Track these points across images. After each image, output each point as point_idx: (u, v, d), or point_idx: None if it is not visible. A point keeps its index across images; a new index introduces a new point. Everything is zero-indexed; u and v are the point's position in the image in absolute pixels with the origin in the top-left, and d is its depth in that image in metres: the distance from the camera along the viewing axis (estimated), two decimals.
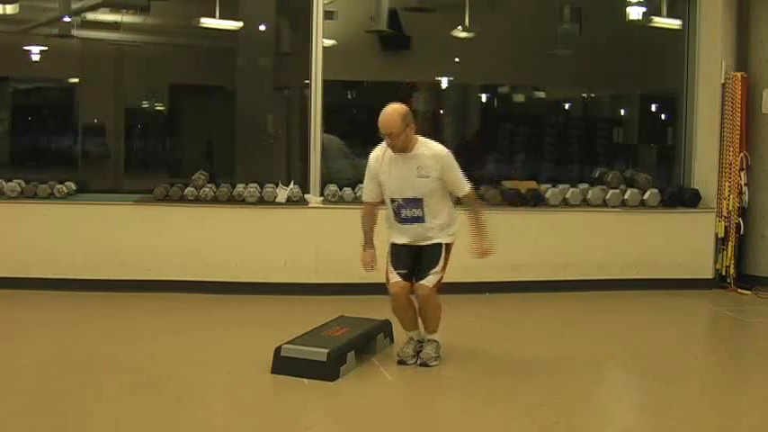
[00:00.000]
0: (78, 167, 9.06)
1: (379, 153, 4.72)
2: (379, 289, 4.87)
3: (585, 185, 7.45)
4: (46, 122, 9.67)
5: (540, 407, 4.10)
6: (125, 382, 4.36)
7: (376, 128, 4.59)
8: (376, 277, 4.84)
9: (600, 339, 5.65)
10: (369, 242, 4.82)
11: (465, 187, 4.73)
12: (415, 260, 4.70)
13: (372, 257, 4.78)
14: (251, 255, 6.67)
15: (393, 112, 4.52)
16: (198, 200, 6.85)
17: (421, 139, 4.67)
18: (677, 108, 7.84)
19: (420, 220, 4.64)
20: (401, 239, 4.73)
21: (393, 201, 4.69)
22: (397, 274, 4.65)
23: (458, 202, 4.88)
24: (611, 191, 7.30)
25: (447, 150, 4.69)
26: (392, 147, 4.59)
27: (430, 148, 4.65)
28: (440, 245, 4.69)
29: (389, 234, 4.80)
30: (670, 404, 4.22)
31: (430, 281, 4.61)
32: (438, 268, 4.65)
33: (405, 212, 4.65)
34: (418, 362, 4.73)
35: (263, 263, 6.67)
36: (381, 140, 4.66)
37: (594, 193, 7.27)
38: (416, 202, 4.62)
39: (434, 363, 4.71)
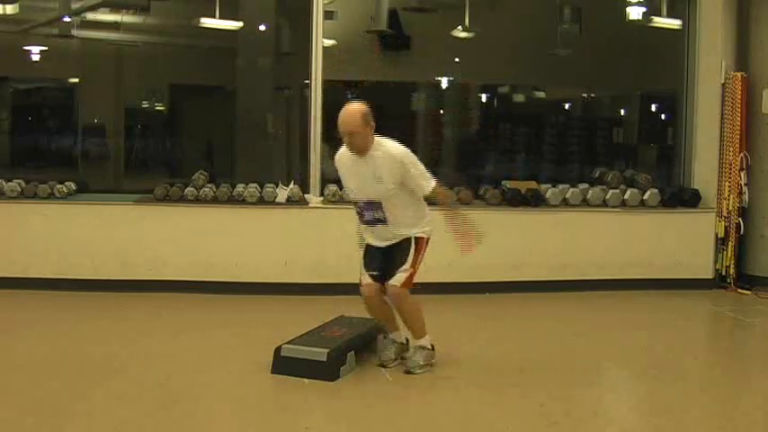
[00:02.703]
0: (78, 167, 9.07)
1: (342, 153, 4.59)
2: None
3: (585, 185, 7.45)
4: (46, 122, 9.68)
5: (540, 407, 4.10)
6: (125, 382, 4.36)
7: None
8: None
9: (600, 339, 5.65)
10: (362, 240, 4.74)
11: (427, 186, 4.49)
12: (387, 260, 4.58)
13: None
14: (251, 255, 6.67)
15: (354, 110, 4.39)
16: (198, 200, 6.85)
17: (377, 139, 4.48)
18: (677, 108, 7.84)
19: (382, 221, 4.51)
20: (370, 240, 4.65)
21: (356, 203, 4.60)
22: (369, 275, 4.56)
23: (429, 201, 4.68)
24: (611, 191, 7.29)
25: (404, 150, 4.46)
26: (350, 147, 4.44)
27: (386, 150, 4.43)
28: (408, 240, 4.54)
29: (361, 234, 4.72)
30: (670, 404, 4.22)
31: (398, 279, 4.47)
32: (407, 265, 4.50)
33: (367, 215, 4.54)
34: (403, 369, 4.62)
35: (263, 263, 6.67)
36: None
37: (594, 193, 7.27)
38: (376, 205, 4.48)
39: (420, 371, 4.58)
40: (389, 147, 4.46)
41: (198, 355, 4.99)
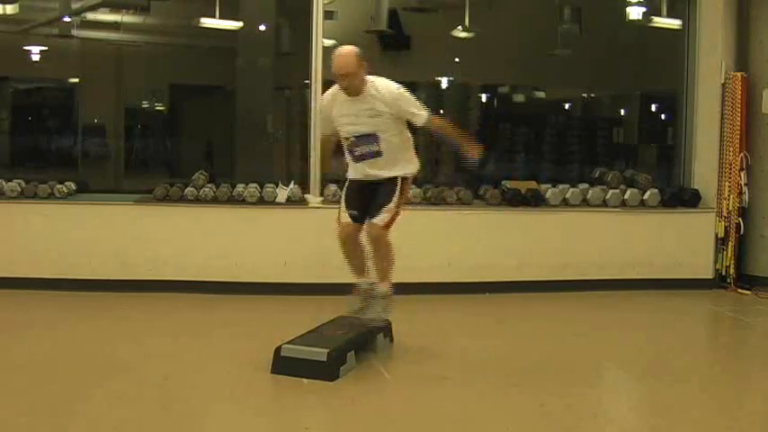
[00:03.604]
0: (78, 167, 9.07)
1: (332, 94, 4.67)
2: None
3: (585, 185, 7.45)
4: (46, 122, 9.68)
5: (540, 407, 4.10)
6: (125, 382, 4.35)
7: None
8: None
9: (600, 339, 5.65)
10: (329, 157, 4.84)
11: (422, 115, 4.60)
12: (369, 199, 4.63)
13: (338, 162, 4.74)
14: (251, 255, 6.67)
15: (348, 52, 4.49)
16: (198, 200, 6.85)
17: (371, 78, 4.59)
18: (677, 108, 7.84)
19: (377, 155, 4.59)
20: (356, 175, 4.69)
21: (347, 139, 4.64)
22: (348, 215, 4.62)
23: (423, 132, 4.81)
24: (611, 191, 7.29)
25: (397, 86, 4.59)
26: (346, 88, 4.52)
27: (380, 87, 4.56)
28: (394, 181, 4.61)
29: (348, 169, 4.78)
30: (670, 404, 4.22)
31: (381, 219, 4.54)
32: (391, 205, 4.57)
33: (359, 150, 4.60)
34: (365, 320, 4.72)
35: (263, 263, 6.67)
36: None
37: (594, 193, 7.27)
38: (372, 138, 4.57)
39: (378, 322, 4.66)
40: (384, 83, 4.59)
41: (198, 355, 4.99)
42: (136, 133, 9.95)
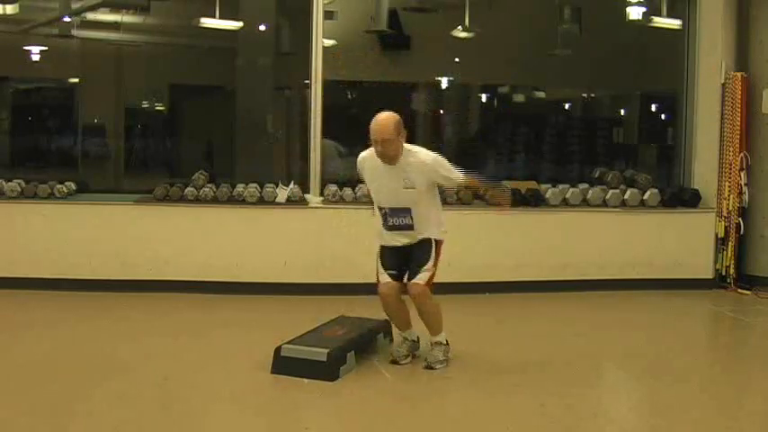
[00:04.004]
0: (78, 167, 9.07)
1: (366, 158, 4.67)
2: None
3: (585, 185, 7.45)
4: (46, 122, 9.68)
5: (540, 407, 4.10)
6: (125, 382, 4.36)
7: None
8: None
9: (600, 339, 5.65)
10: None
11: (457, 177, 4.61)
12: (404, 260, 4.64)
13: None
14: (251, 255, 6.67)
15: (387, 118, 4.45)
16: (198, 200, 6.85)
17: (407, 146, 4.56)
18: (677, 108, 7.84)
19: (409, 228, 4.59)
20: (388, 241, 4.70)
21: (381, 209, 4.67)
22: (387, 274, 4.61)
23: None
24: (611, 191, 7.29)
25: (434, 155, 4.57)
26: (382, 155, 4.49)
27: (417, 157, 4.54)
28: (429, 240, 4.62)
29: (379, 236, 4.77)
30: (670, 404, 4.22)
31: (422, 278, 4.55)
32: (429, 264, 4.58)
33: (392, 221, 4.61)
34: (423, 365, 4.68)
35: (263, 263, 6.67)
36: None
37: (594, 193, 7.27)
38: (404, 212, 4.57)
39: (440, 366, 4.66)
40: (421, 152, 4.58)
41: (198, 355, 5.00)
42: (136, 133, 9.95)
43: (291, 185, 6.97)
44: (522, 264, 6.89)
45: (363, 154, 4.70)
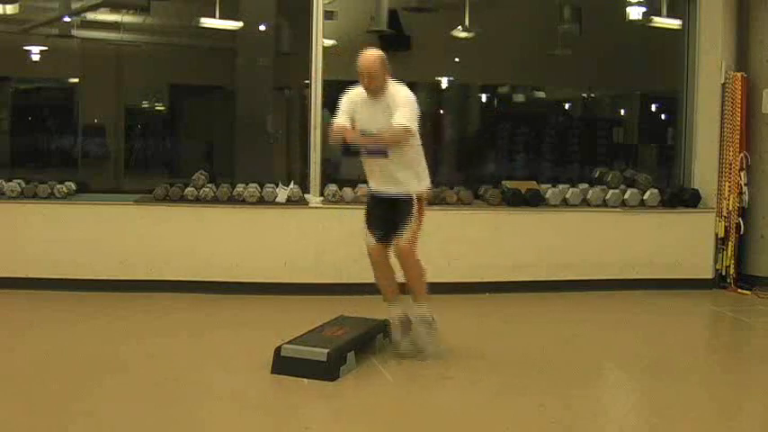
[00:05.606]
0: (78, 167, 9.08)
1: (353, 93, 4.86)
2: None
3: (585, 185, 7.45)
4: (46, 122, 9.69)
5: (539, 407, 4.10)
6: (125, 382, 4.36)
7: None
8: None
9: (600, 339, 5.65)
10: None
11: (401, 120, 4.60)
12: (388, 219, 4.77)
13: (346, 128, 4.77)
14: (251, 255, 6.67)
15: (373, 54, 4.75)
16: (198, 200, 6.85)
17: (391, 82, 4.80)
18: (677, 108, 7.83)
19: (385, 154, 4.69)
20: (373, 184, 4.85)
21: (362, 133, 4.78)
22: (374, 237, 4.78)
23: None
24: (611, 191, 7.29)
25: (412, 97, 4.74)
26: (368, 88, 4.73)
27: (396, 89, 4.77)
28: (410, 199, 4.74)
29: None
30: (670, 404, 4.22)
31: (404, 236, 4.70)
32: (410, 221, 4.72)
33: (372, 145, 4.73)
34: (410, 347, 4.80)
35: (263, 263, 6.67)
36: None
37: (594, 193, 7.27)
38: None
39: (431, 347, 4.77)
40: (403, 89, 4.79)
41: (198, 355, 5.00)
42: (136, 133, 9.95)
43: (291, 185, 6.97)
44: (522, 264, 6.89)
45: (353, 90, 4.90)
